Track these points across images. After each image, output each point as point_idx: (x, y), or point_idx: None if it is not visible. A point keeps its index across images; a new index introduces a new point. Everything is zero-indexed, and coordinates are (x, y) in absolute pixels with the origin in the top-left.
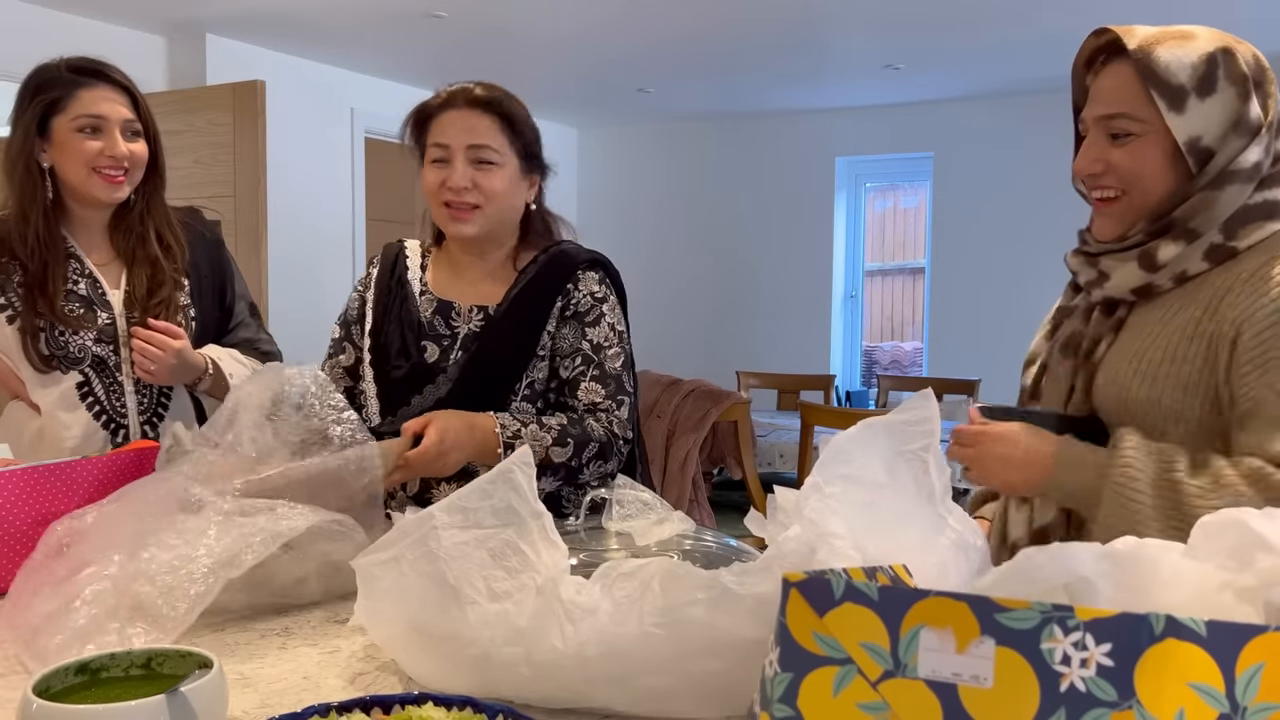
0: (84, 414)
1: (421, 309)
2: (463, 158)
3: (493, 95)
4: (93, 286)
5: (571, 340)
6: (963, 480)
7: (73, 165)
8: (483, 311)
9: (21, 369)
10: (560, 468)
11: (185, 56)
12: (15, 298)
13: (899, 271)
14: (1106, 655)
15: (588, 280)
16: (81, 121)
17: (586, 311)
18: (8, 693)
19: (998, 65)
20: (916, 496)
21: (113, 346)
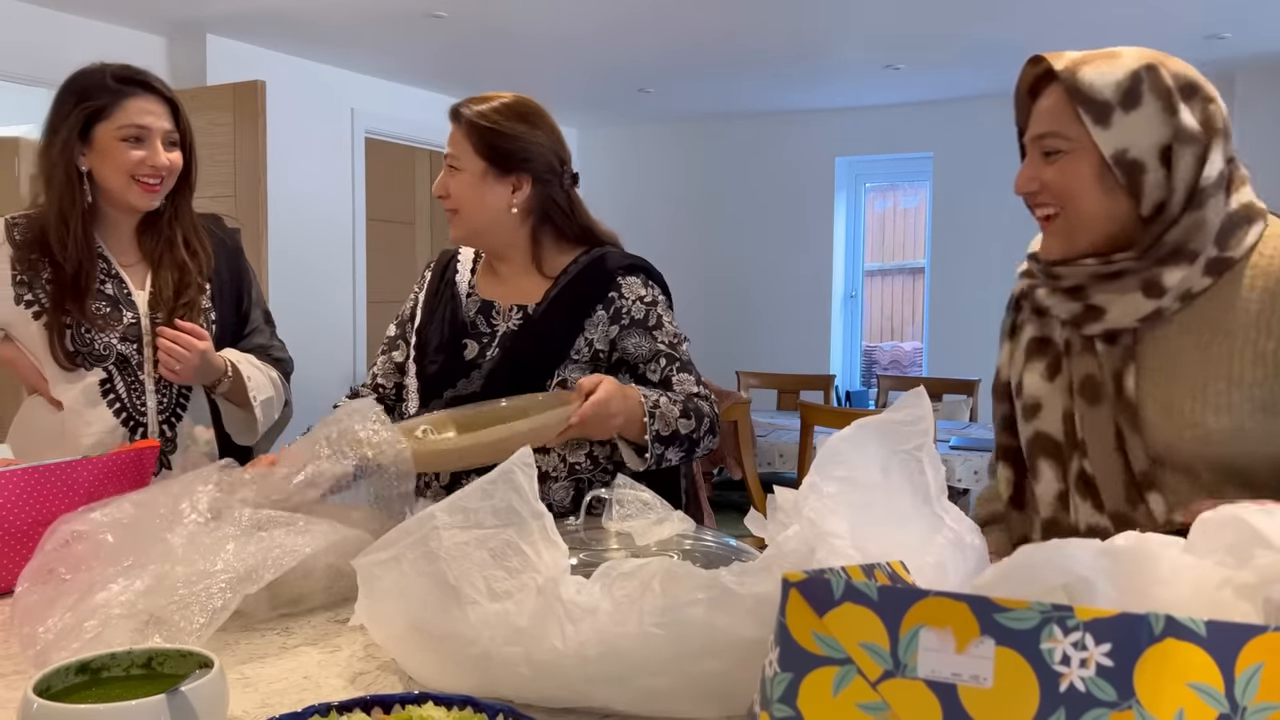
0: (105, 411)
1: (467, 309)
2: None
3: (469, 108)
4: (119, 286)
5: (647, 346)
6: (960, 480)
7: (113, 173)
8: (522, 310)
9: (45, 365)
10: (685, 439)
11: (185, 56)
12: (43, 294)
13: (899, 271)
14: (1106, 655)
15: (631, 285)
16: (126, 131)
17: (645, 317)
18: (8, 693)
19: (998, 65)
20: (913, 496)
21: (136, 346)
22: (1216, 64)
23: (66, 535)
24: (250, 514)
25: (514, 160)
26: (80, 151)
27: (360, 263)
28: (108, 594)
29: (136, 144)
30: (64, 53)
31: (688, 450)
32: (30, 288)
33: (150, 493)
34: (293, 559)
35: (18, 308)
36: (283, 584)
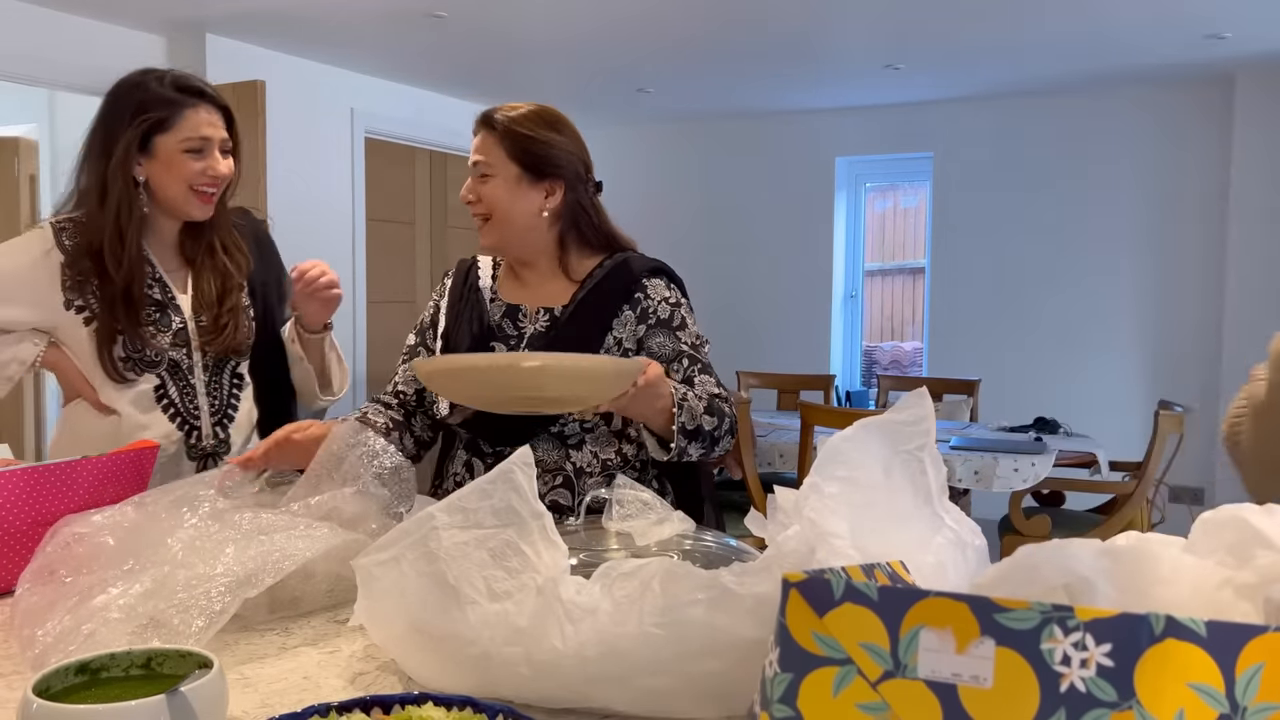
0: (160, 416)
1: (491, 313)
2: (471, 171)
3: (498, 115)
4: (164, 291)
5: (671, 346)
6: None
7: (174, 183)
8: (548, 313)
9: (94, 371)
10: (707, 436)
11: (185, 56)
12: (94, 300)
13: (899, 271)
14: (1106, 655)
15: (656, 287)
16: (189, 143)
17: (669, 318)
18: (8, 693)
19: (998, 65)
20: (914, 496)
21: (185, 350)
22: (1216, 64)
23: (67, 537)
24: (250, 518)
25: (547, 167)
26: (138, 161)
27: (360, 262)
28: (107, 597)
29: (197, 155)
30: (64, 53)
31: (708, 447)
32: (80, 293)
33: (151, 496)
34: (293, 563)
35: (68, 313)
36: (282, 587)
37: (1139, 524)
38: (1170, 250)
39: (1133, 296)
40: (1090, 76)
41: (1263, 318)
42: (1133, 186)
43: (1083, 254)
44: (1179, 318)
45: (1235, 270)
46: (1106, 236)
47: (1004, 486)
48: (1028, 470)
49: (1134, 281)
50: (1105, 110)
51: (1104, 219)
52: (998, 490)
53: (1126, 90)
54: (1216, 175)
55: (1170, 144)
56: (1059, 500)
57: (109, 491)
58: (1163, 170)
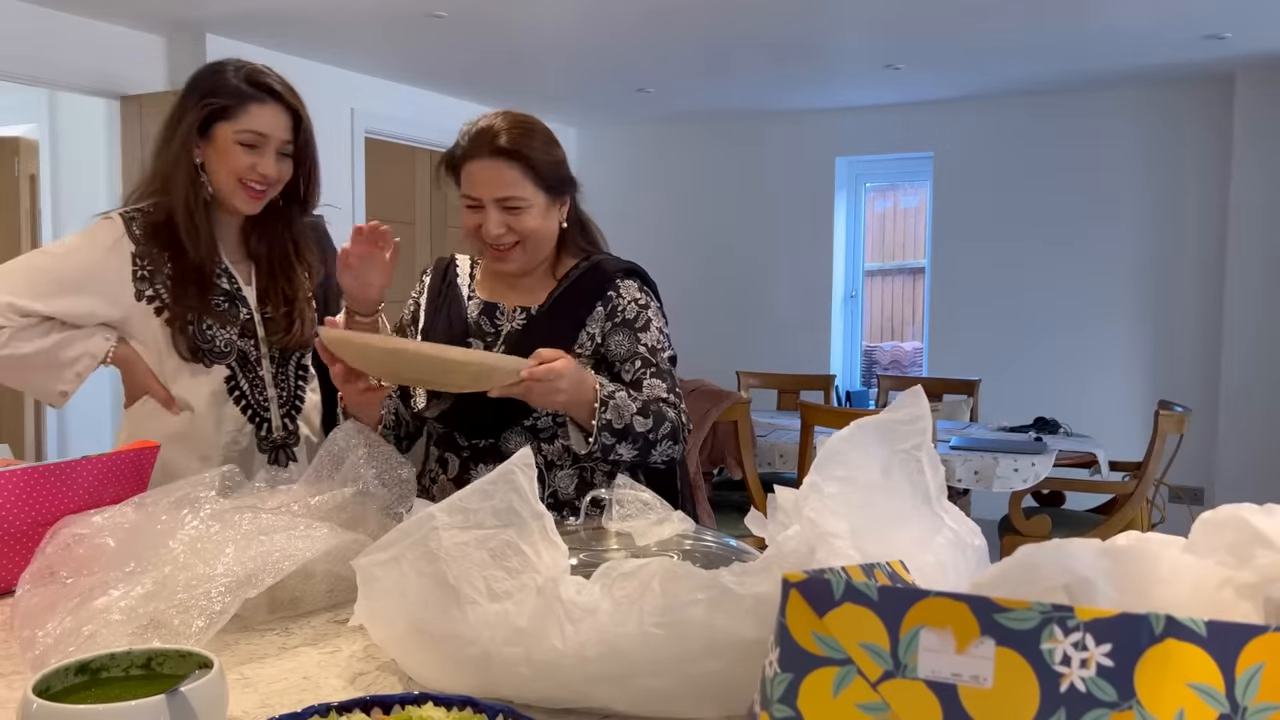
0: (232, 409)
1: (469, 311)
2: (494, 207)
3: (514, 142)
4: (230, 281)
5: (628, 346)
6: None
7: (224, 172)
8: (525, 311)
9: (165, 364)
10: (640, 437)
11: (185, 56)
12: (164, 290)
13: (899, 271)
14: (1106, 655)
15: (628, 288)
16: (245, 136)
17: (635, 318)
18: (8, 693)
19: (998, 65)
20: (912, 496)
21: (253, 341)
22: (1216, 64)
23: (68, 538)
24: (250, 518)
25: (564, 184)
26: (197, 144)
27: None
28: (108, 599)
29: (251, 149)
30: (64, 53)
31: (642, 450)
32: (151, 283)
33: (151, 497)
34: (293, 563)
35: (139, 304)
36: (282, 588)
37: (1139, 524)
38: (1170, 250)
39: (1133, 296)
40: (1090, 76)
41: (1263, 317)
42: (1133, 186)
43: (1083, 254)
44: (1179, 318)
45: (1235, 270)
46: (1106, 236)
47: (1004, 486)
48: (1028, 470)
49: (1134, 281)
50: (1105, 110)
51: (1104, 219)
52: (998, 490)
53: (1127, 90)
54: (1216, 175)
55: (1170, 144)
56: (1059, 500)
57: (109, 492)
58: (1162, 170)
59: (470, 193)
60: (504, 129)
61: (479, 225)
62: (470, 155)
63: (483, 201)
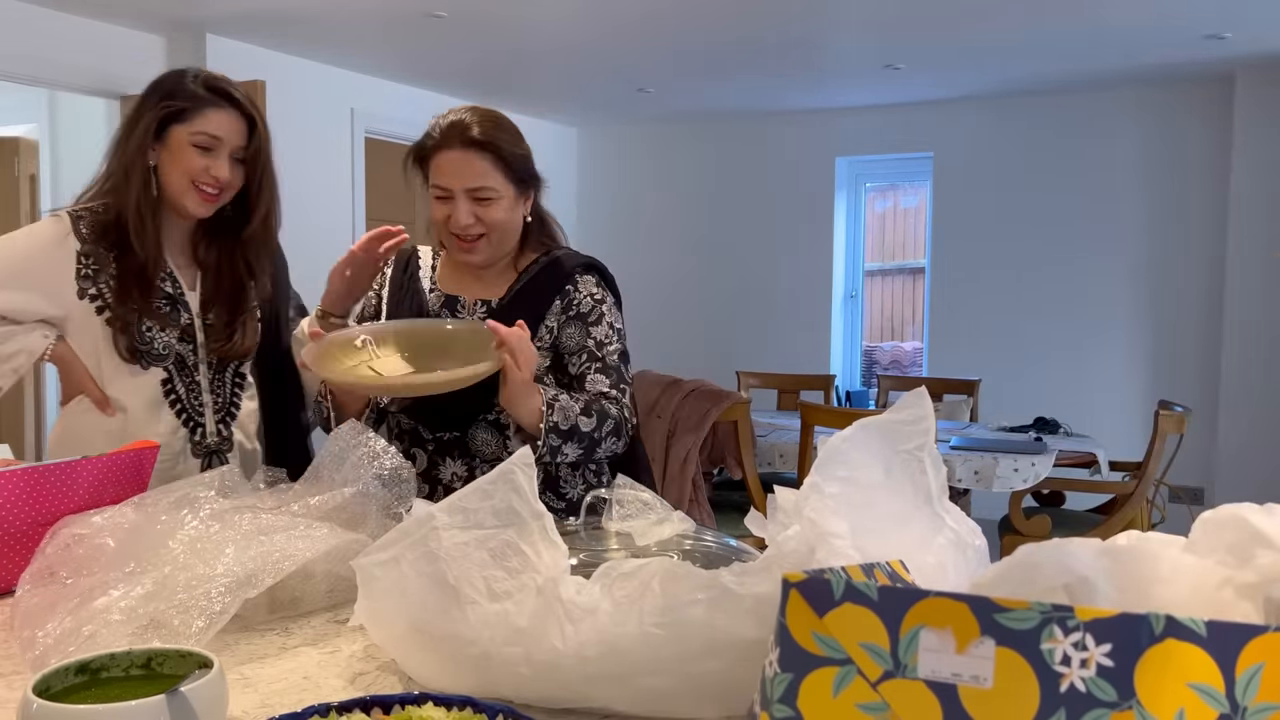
0: (168, 412)
1: (431, 304)
2: (464, 197)
3: (486, 134)
4: (174, 285)
5: (578, 339)
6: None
7: (177, 174)
8: (485, 305)
9: (103, 364)
10: (585, 437)
11: (185, 56)
12: (107, 290)
13: (899, 271)
14: (1106, 655)
15: (586, 283)
16: (200, 138)
17: (589, 312)
18: (8, 693)
19: (998, 65)
20: (914, 496)
21: (191, 346)
22: (1216, 64)
23: (67, 538)
24: (250, 519)
25: (531, 178)
26: (152, 146)
27: None
28: (108, 599)
29: (205, 152)
30: (65, 53)
31: (587, 449)
32: (94, 282)
33: (151, 497)
34: (293, 564)
35: (81, 302)
36: (282, 588)
37: (1139, 524)
38: (1170, 250)
39: (1133, 296)
40: (1090, 76)
41: (1262, 317)
42: (1133, 186)
43: (1083, 253)
44: (1179, 317)
45: (1235, 270)
46: (1107, 236)
47: (1004, 486)
48: (1028, 470)
49: (1134, 281)
50: (1106, 110)
51: (1104, 218)
52: (998, 490)
53: (1127, 90)
54: (1216, 175)
55: (1170, 144)
56: (1059, 500)
57: (109, 492)
58: (1163, 170)
59: (441, 183)
60: (475, 121)
61: (448, 216)
62: (441, 146)
63: (453, 192)
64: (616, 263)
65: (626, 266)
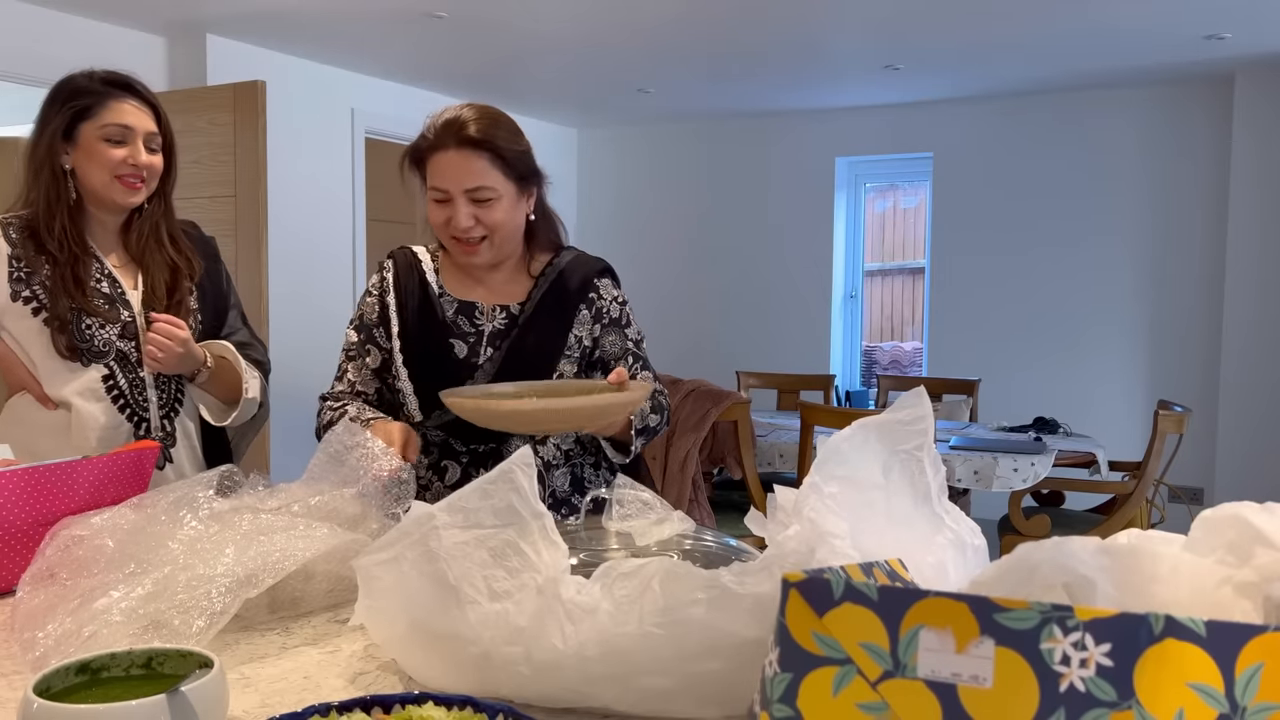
0: (110, 406)
1: (444, 310)
2: (463, 199)
3: (483, 132)
4: (113, 285)
5: (620, 344)
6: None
7: (96, 170)
8: (504, 310)
9: (40, 363)
10: (652, 431)
11: (185, 57)
12: (42, 291)
13: (899, 271)
14: (1106, 655)
15: (607, 287)
16: (109, 130)
17: (619, 317)
18: (8, 692)
19: (998, 66)
20: (913, 496)
21: (134, 343)
22: (1216, 64)
23: (67, 540)
24: (250, 519)
25: (531, 175)
26: (64, 150)
27: (360, 263)
28: (109, 600)
29: (118, 144)
30: (64, 53)
31: (649, 439)
32: (28, 284)
33: (150, 498)
34: (293, 563)
35: (15, 304)
36: (283, 587)
37: (1139, 524)
38: (1170, 249)
39: (1132, 296)
40: (1090, 76)
41: (1262, 317)
42: (1132, 186)
43: (1083, 253)
44: (1179, 317)
45: (1235, 269)
46: (1106, 236)
47: (1003, 486)
48: (1027, 470)
49: (1134, 281)
50: (1105, 110)
51: (1104, 218)
52: (997, 490)
53: (1126, 90)
54: (1216, 175)
55: (1170, 144)
56: (1059, 500)
57: (109, 492)
58: (1162, 170)
59: (438, 184)
60: (471, 119)
61: (448, 219)
62: (437, 146)
63: (451, 194)
64: (616, 263)
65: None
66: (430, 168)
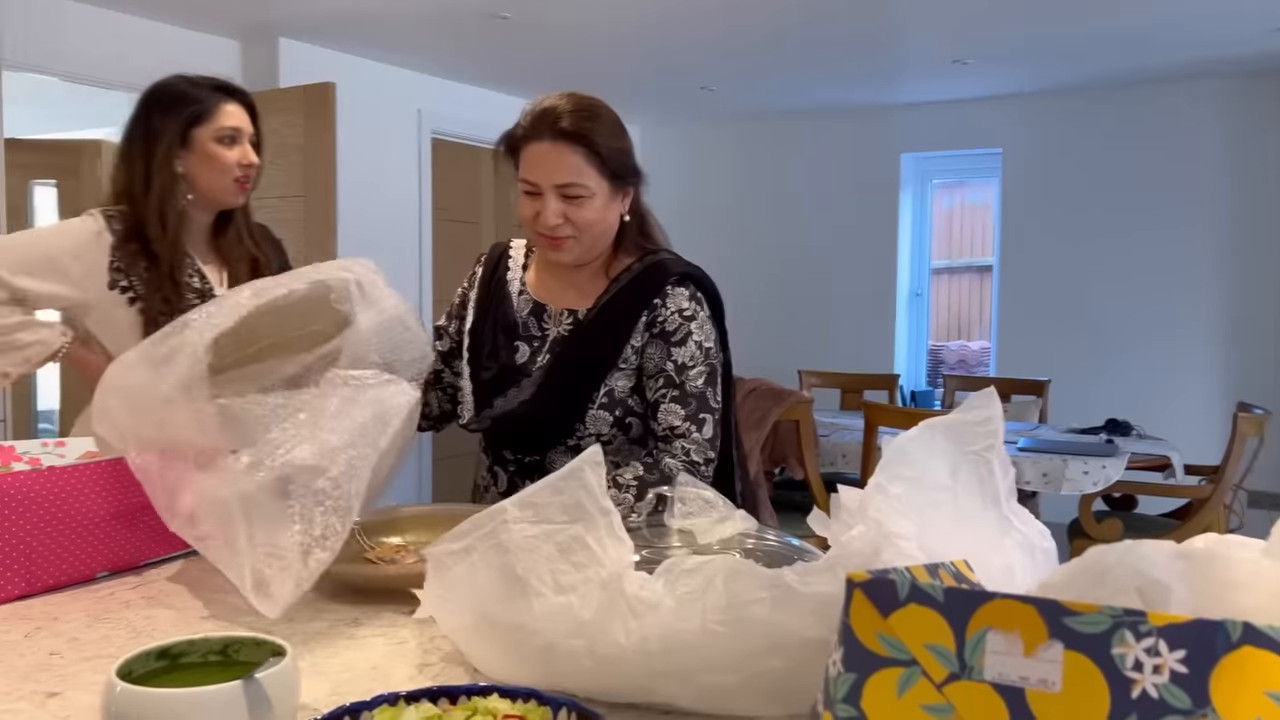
0: None
1: (519, 309)
2: (553, 194)
3: (579, 126)
4: (203, 281)
5: (657, 361)
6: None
7: (214, 173)
8: (572, 315)
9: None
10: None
11: (259, 60)
12: (139, 282)
13: (966, 269)
14: (1180, 662)
15: (677, 297)
16: (222, 133)
17: (674, 331)
18: (94, 676)
19: (1067, 59)
20: (981, 498)
21: None
22: None
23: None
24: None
25: (629, 174)
26: (178, 155)
27: (427, 261)
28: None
29: (230, 144)
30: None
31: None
32: (126, 275)
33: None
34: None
35: (111, 292)
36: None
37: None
38: (1248, 248)
39: (1211, 294)
40: (1162, 70)
41: None
42: (1210, 181)
43: (1157, 251)
44: (1259, 316)
45: None
46: (1183, 233)
47: (1073, 489)
48: (1098, 473)
49: (1212, 278)
50: (1178, 105)
51: (1180, 215)
52: (1067, 493)
53: (1202, 83)
54: None
55: (1247, 139)
56: (1131, 504)
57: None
58: (1239, 165)
59: (528, 177)
60: (568, 111)
61: (536, 213)
62: (530, 137)
63: (541, 187)
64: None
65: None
66: (522, 158)
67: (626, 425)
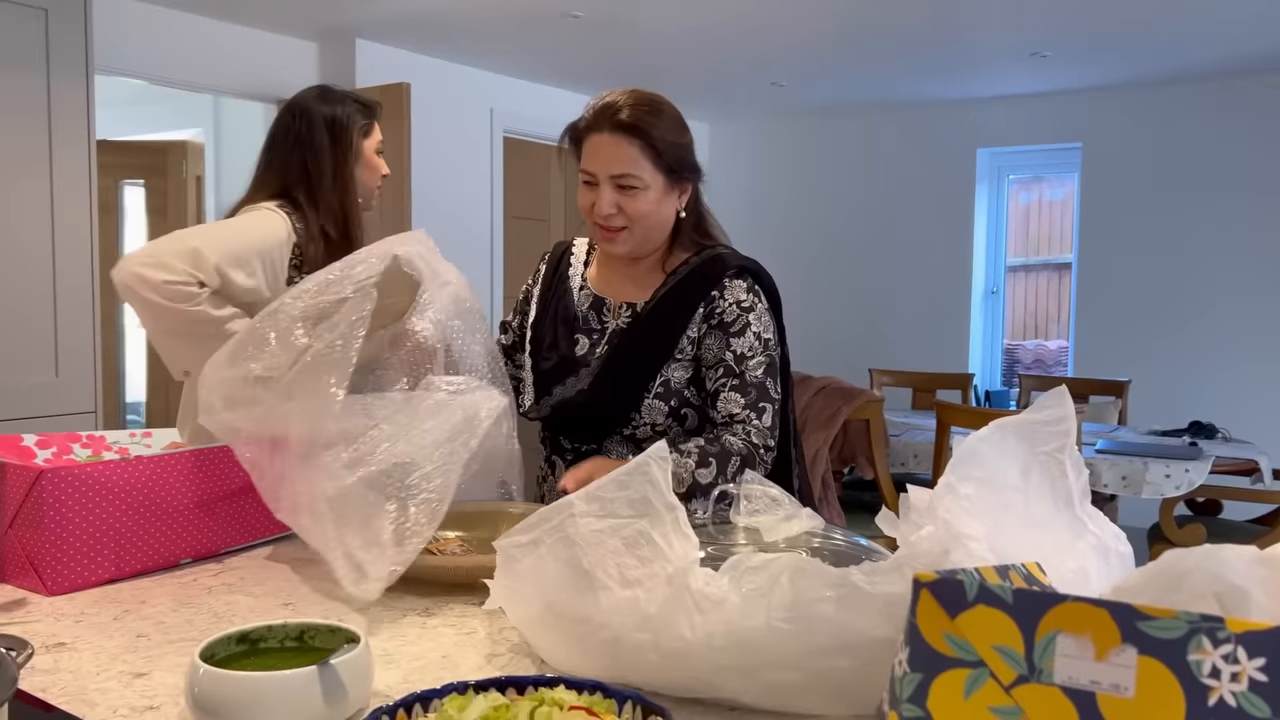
0: None
1: (579, 303)
2: (608, 184)
3: (637, 119)
4: None
5: (716, 351)
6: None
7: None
8: (631, 308)
9: None
10: (707, 488)
11: (336, 61)
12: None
13: (1044, 267)
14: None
15: (734, 289)
16: (378, 144)
17: (732, 321)
18: (178, 658)
19: (1150, 51)
20: (1053, 500)
21: None
22: None
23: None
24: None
25: (686, 170)
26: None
27: (498, 258)
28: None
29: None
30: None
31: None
32: (300, 272)
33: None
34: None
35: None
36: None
37: None
38: None
39: None
40: (1251, 62)
41: None
42: None
43: (1244, 249)
44: None
45: None
46: (1269, 230)
47: (1154, 493)
48: (1180, 476)
49: None
50: (1268, 99)
51: (1267, 212)
52: (1147, 497)
53: None
54: None
55: None
56: (1216, 510)
57: None
58: None
59: (587, 167)
60: (629, 104)
61: (593, 203)
62: (591, 128)
63: (598, 177)
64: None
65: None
66: (584, 149)
67: (682, 416)
